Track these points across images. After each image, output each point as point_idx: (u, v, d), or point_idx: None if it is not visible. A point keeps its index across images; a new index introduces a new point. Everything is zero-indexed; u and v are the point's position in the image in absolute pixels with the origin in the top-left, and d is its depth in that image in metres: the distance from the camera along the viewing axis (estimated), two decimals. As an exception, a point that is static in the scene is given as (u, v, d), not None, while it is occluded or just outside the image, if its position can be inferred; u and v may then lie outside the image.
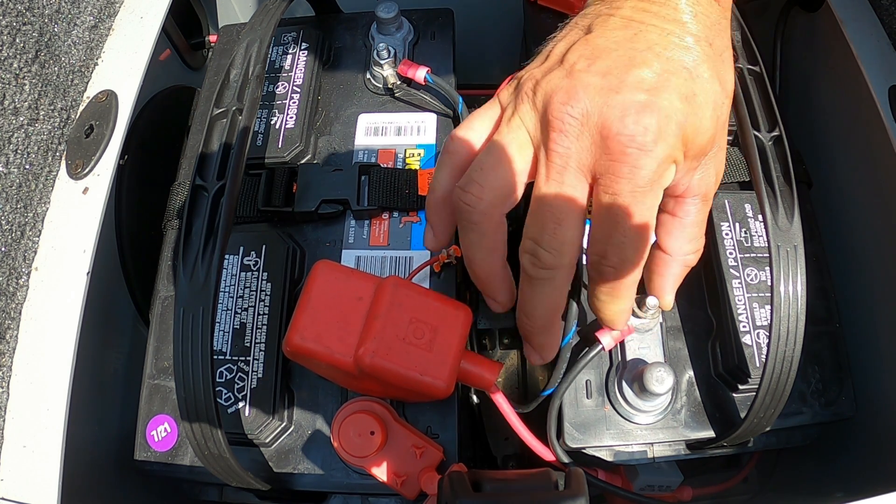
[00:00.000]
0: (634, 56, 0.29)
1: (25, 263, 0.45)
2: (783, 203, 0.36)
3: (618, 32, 0.30)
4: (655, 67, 0.29)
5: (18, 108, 0.45)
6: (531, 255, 0.32)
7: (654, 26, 0.30)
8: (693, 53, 0.30)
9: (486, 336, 0.77)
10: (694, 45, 0.30)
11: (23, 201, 0.45)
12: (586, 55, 0.30)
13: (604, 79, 0.29)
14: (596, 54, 0.30)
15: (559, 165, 0.30)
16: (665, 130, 0.29)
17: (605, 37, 0.30)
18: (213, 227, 0.36)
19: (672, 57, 0.29)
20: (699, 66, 0.30)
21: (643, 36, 0.30)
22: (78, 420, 0.42)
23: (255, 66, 0.42)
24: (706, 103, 0.30)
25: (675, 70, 0.29)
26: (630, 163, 0.29)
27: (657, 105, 0.29)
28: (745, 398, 0.44)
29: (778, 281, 0.35)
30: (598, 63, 0.30)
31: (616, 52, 0.30)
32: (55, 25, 0.48)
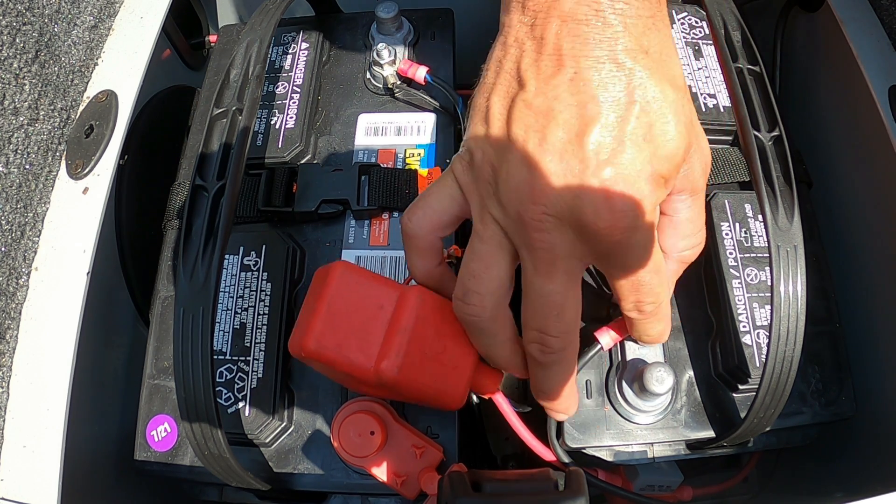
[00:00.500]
0: (583, 115, 0.27)
1: (25, 263, 0.45)
2: (783, 203, 0.36)
3: (555, 81, 0.27)
4: (608, 121, 0.27)
5: (18, 108, 0.45)
6: (539, 345, 0.32)
7: (587, 58, 0.27)
8: (635, 76, 0.27)
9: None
10: (633, 65, 0.27)
11: (23, 201, 0.45)
12: (534, 127, 0.28)
13: (562, 162, 0.27)
14: (543, 123, 0.27)
15: (547, 260, 0.29)
16: (643, 191, 0.27)
17: (544, 93, 0.27)
18: (213, 227, 0.36)
19: (618, 97, 0.27)
20: (645, 88, 0.27)
21: (582, 79, 0.27)
22: (78, 420, 0.42)
23: (255, 66, 0.42)
24: (666, 122, 0.28)
25: (627, 112, 0.27)
26: (623, 245, 0.28)
27: (624, 175, 0.27)
28: (745, 398, 0.44)
29: (778, 281, 0.35)
30: (550, 137, 0.27)
31: (562, 114, 0.27)
32: (55, 25, 0.48)
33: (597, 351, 0.44)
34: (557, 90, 0.27)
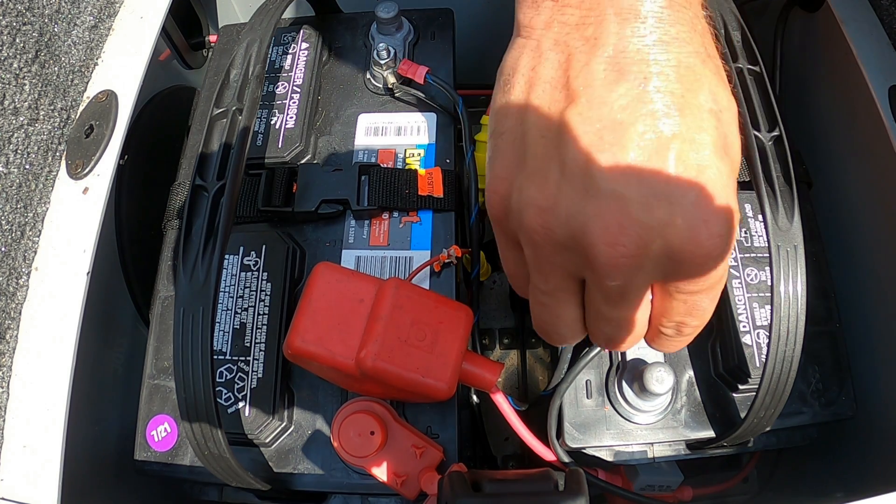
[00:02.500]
0: (658, 128, 0.22)
1: (25, 263, 0.45)
2: (783, 203, 0.36)
3: (619, 90, 0.23)
4: (688, 134, 0.22)
5: (18, 108, 0.45)
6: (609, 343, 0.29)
7: (656, 63, 0.23)
8: (708, 82, 0.24)
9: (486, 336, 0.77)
10: (703, 70, 0.24)
11: (23, 201, 0.45)
12: (600, 152, 0.22)
13: (642, 186, 0.22)
14: (605, 146, 0.22)
15: (621, 292, 0.25)
16: (733, 207, 0.23)
17: (607, 104, 0.23)
18: (213, 227, 0.36)
19: (698, 105, 0.23)
20: (718, 95, 0.24)
21: (653, 86, 0.22)
22: (78, 420, 0.42)
23: (255, 66, 0.42)
24: (735, 134, 0.24)
25: (706, 122, 0.23)
26: (709, 269, 0.24)
27: (716, 194, 0.23)
28: (745, 398, 0.44)
29: (778, 281, 0.35)
30: (622, 162, 0.22)
31: (635, 128, 0.22)
32: (55, 25, 0.48)
33: (598, 351, 0.44)
34: (624, 100, 0.23)
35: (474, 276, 0.48)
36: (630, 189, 0.22)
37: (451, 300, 0.38)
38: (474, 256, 0.48)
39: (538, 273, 0.26)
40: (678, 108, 0.23)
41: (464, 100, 0.51)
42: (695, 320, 0.28)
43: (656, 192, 0.22)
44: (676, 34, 0.23)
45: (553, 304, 0.27)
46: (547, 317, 0.28)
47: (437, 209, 0.49)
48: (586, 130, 0.23)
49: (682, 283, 0.25)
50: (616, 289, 0.25)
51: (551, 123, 0.24)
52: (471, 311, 0.38)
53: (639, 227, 0.22)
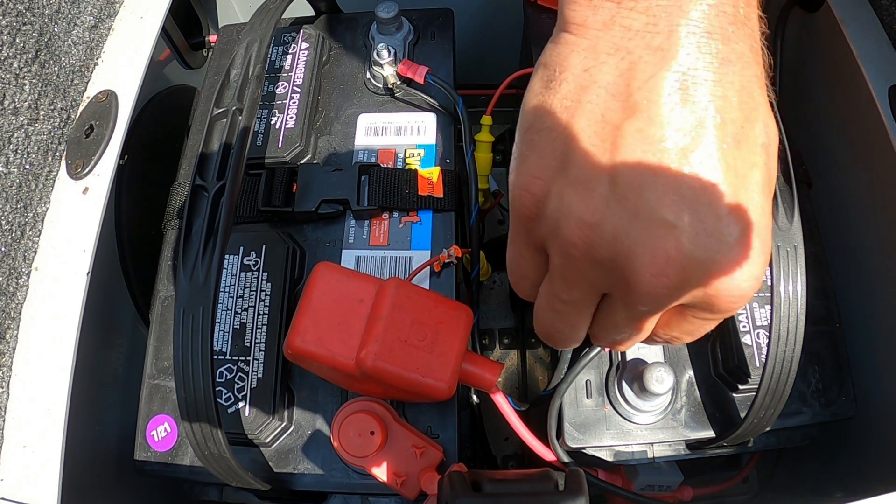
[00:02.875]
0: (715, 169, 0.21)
1: (25, 263, 0.45)
2: (783, 203, 0.36)
3: (682, 113, 0.21)
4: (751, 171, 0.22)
5: (18, 108, 0.45)
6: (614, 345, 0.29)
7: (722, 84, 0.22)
8: (763, 99, 0.23)
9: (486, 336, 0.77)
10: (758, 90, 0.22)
11: (23, 201, 0.45)
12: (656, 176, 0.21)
13: (695, 214, 0.21)
14: (661, 171, 0.21)
15: (650, 317, 0.25)
16: (767, 256, 0.23)
17: (669, 124, 0.21)
18: (213, 227, 0.36)
19: (751, 133, 0.22)
20: (768, 121, 0.23)
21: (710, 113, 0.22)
22: (78, 420, 0.42)
23: (255, 66, 0.42)
24: (775, 154, 0.24)
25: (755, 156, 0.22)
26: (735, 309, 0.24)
27: (762, 235, 0.22)
28: (745, 398, 0.44)
29: (778, 281, 0.35)
30: (677, 191, 0.21)
31: (689, 157, 0.21)
32: (55, 25, 0.48)
33: (598, 351, 0.44)
34: (688, 124, 0.21)
35: (474, 276, 0.48)
36: (683, 220, 0.21)
37: (451, 300, 0.38)
38: (474, 256, 0.48)
39: (563, 283, 0.25)
40: (735, 141, 0.22)
41: (464, 100, 0.51)
42: (694, 338, 0.27)
43: (707, 228, 0.22)
44: (741, 53, 0.22)
45: (571, 313, 0.27)
46: (560, 325, 0.28)
47: (437, 209, 0.49)
48: (645, 150, 0.22)
49: (702, 314, 0.25)
50: (642, 314, 0.24)
51: (604, 133, 0.22)
52: (471, 311, 0.38)
53: (685, 261, 0.22)
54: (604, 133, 0.22)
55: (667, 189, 0.21)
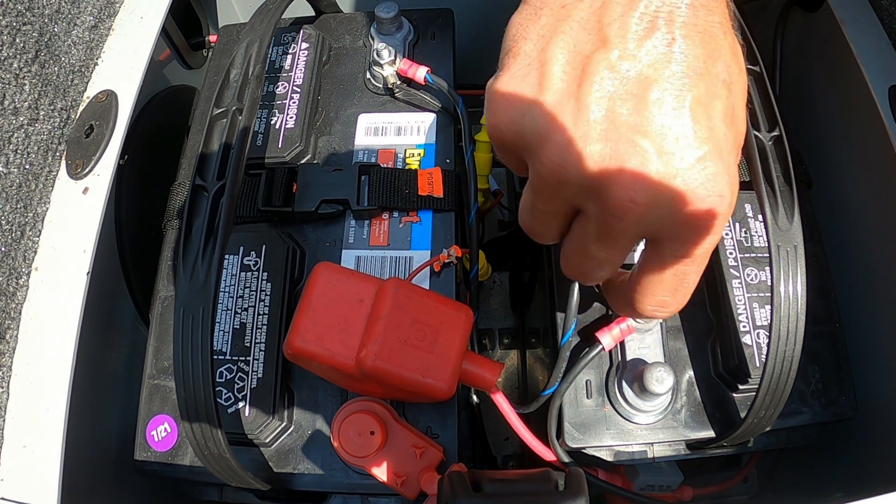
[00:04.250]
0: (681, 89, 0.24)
1: (25, 263, 0.45)
2: (783, 203, 0.36)
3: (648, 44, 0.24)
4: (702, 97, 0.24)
5: (18, 108, 0.45)
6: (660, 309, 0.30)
7: (687, 26, 0.24)
8: (726, 53, 0.25)
9: (486, 336, 0.77)
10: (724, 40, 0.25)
11: (23, 201, 0.45)
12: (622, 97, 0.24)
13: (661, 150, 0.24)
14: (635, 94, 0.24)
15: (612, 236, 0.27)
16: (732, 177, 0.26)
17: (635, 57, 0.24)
18: (213, 227, 0.36)
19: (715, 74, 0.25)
20: (731, 68, 0.25)
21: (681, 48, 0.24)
22: (78, 420, 0.42)
23: (255, 66, 0.42)
24: (742, 108, 0.26)
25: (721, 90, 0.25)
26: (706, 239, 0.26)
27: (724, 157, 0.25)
28: (745, 398, 0.44)
29: (778, 281, 0.35)
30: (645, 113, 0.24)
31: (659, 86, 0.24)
32: (55, 25, 0.48)
33: (598, 351, 0.44)
34: (652, 56, 0.24)
35: (473, 275, 0.48)
36: (648, 142, 0.23)
37: (451, 300, 0.38)
38: (473, 256, 0.48)
39: (538, 195, 0.27)
40: (697, 74, 0.24)
41: (464, 100, 0.51)
42: (678, 297, 0.29)
43: (671, 148, 0.24)
44: (706, 2, 0.24)
45: (545, 219, 0.28)
46: (535, 224, 0.29)
47: (437, 209, 0.49)
48: (612, 78, 0.24)
49: (676, 243, 0.26)
50: (613, 231, 0.26)
51: (575, 62, 0.24)
52: (471, 311, 0.38)
53: (654, 177, 0.24)
54: (575, 62, 0.25)
55: (630, 114, 0.24)
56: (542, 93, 0.25)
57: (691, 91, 0.24)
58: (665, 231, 0.26)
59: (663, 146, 0.24)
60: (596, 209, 0.26)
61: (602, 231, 0.26)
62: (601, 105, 0.24)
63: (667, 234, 0.26)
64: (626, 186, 0.24)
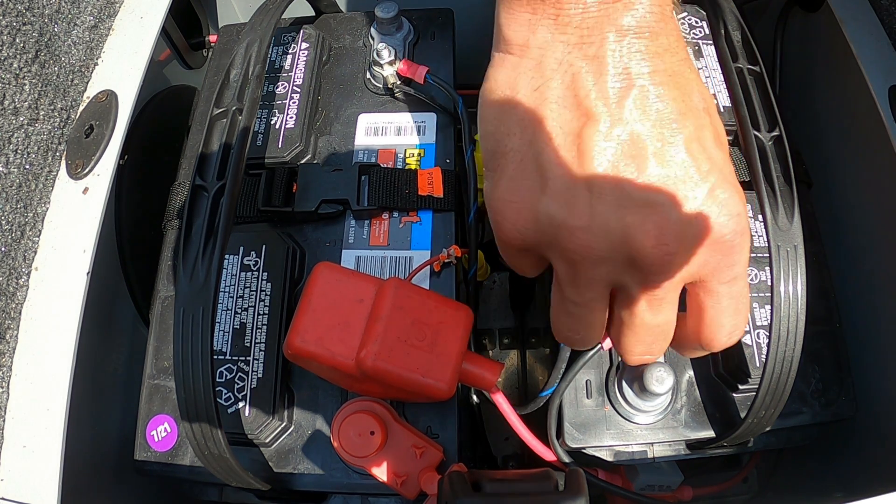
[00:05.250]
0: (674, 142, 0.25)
1: (25, 263, 0.45)
2: (783, 203, 0.36)
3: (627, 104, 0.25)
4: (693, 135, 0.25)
5: (18, 108, 0.45)
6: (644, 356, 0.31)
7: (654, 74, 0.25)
8: (693, 86, 0.26)
9: (485, 336, 0.77)
10: (690, 75, 0.26)
11: (23, 201, 0.45)
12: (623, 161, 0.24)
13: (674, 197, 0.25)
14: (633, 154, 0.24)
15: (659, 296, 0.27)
16: (741, 194, 0.27)
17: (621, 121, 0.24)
18: (213, 227, 0.36)
19: (691, 104, 0.25)
20: (701, 89, 0.26)
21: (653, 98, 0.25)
22: (78, 420, 0.42)
23: (255, 66, 0.42)
24: (716, 113, 0.27)
25: (702, 120, 0.26)
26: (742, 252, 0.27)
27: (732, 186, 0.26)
28: (745, 398, 0.44)
29: (778, 281, 0.35)
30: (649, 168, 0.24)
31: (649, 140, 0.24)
32: (55, 25, 0.48)
33: (596, 351, 0.44)
34: (636, 114, 0.24)
35: (471, 275, 0.48)
36: (660, 196, 0.24)
37: (451, 300, 0.38)
38: (472, 256, 0.48)
39: (573, 288, 0.27)
40: (681, 113, 0.25)
41: (464, 100, 0.51)
42: (743, 314, 0.29)
43: (682, 192, 0.24)
44: (667, 45, 0.25)
45: (585, 314, 0.28)
46: (575, 325, 0.29)
47: (437, 209, 0.49)
48: (608, 147, 0.24)
49: (721, 271, 0.26)
50: (660, 289, 0.26)
51: (567, 144, 0.25)
52: (470, 310, 0.38)
53: (676, 224, 0.24)
54: (566, 143, 0.25)
55: (639, 174, 0.24)
56: (547, 184, 0.25)
57: (682, 132, 0.25)
58: (708, 266, 0.26)
59: (675, 193, 0.24)
60: (636, 276, 0.26)
61: (650, 296, 0.27)
62: (608, 177, 0.24)
63: (710, 268, 0.26)
64: (659, 243, 0.24)
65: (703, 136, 0.25)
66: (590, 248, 0.25)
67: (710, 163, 0.25)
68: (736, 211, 0.25)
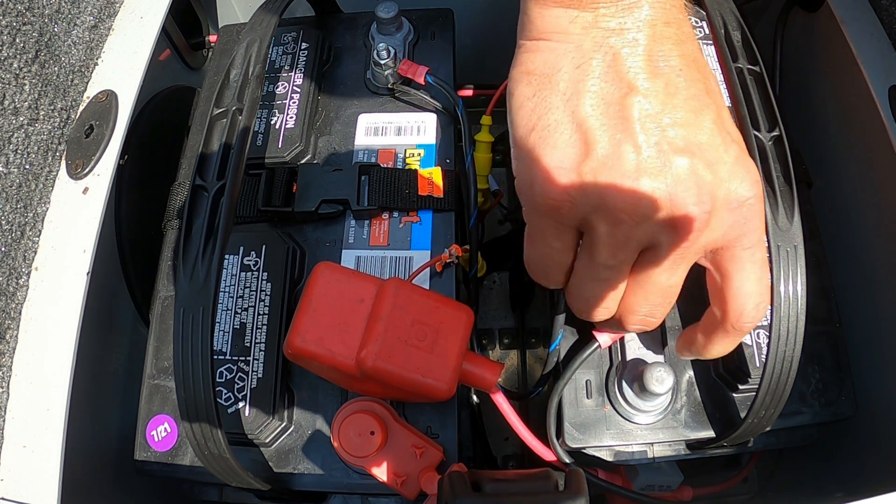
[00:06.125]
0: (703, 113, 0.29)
1: (25, 263, 0.45)
2: (783, 203, 0.36)
3: (657, 82, 0.28)
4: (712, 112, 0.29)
5: (18, 108, 0.45)
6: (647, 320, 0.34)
7: (680, 56, 0.29)
8: (705, 60, 0.30)
9: (485, 336, 0.77)
10: (700, 56, 0.30)
11: (23, 201, 0.45)
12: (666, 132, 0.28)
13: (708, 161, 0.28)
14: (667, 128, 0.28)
15: (683, 254, 0.30)
16: (755, 166, 0.31)
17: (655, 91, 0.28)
18: (213, 227, 0.36)
19: (711, 86, 0.30)
20: (713, 76, 0.30)
21: (682, 77, 0.29)
22: (78, 420, 0.42)
23: (255, 66, 0.42)
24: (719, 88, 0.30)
25: (720, 99, 0.30)
26: (761, 219, 0.32)
27: (747, 157, 0.30)
28: (745, 398, 0.44)
29: (778, 281, 0.35)
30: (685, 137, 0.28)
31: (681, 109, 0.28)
32: (55, 25, 0.48)
33: (594, 349, 0.44)
34: (670, 89, 0.28)
35: (472, 275, 0.48)
36: (697, 160, 0.27)
37: (451, 300, 0.38)
38: (472, 256, 0.48)
39: (609, 249, 0.29)
40: (706, 93, 0.29)
41: (464, 100, 0.51)
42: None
43: (712, 157, 0.28)
44: (689, 34, 0.29)
45: (613, 277, 0.31)
46: (601, 290, 0.32)
47: (438, 209, 0.49)
48: (649, 113, 0.27)
49: (744, 235, 0.30)
50: (687, 250, 0.29)
51: (611, 111, 0.27)
52: (471, 311, 0.38)
53: (711, 184, 0.27)
54: (610, 111, 0.27)
55: (678, 139, 0.27)
56: (595, 148, 0.28)
57: (709, 108, 0.28)
58: (733, 231, 0.29)
59: (708, 158, 0.27)
60: (670, 236, 0.28)
61: (675, 256, 0.29)
62: (650, 140, 0.27)
63: (735, 233, 0.29)
64: (699, 201, 0.27)
65: (723, 115, 0.29)
66: (637, 204, 0.27)
67: (732, 136, 0.29)
68: (756, 178, 0.29)
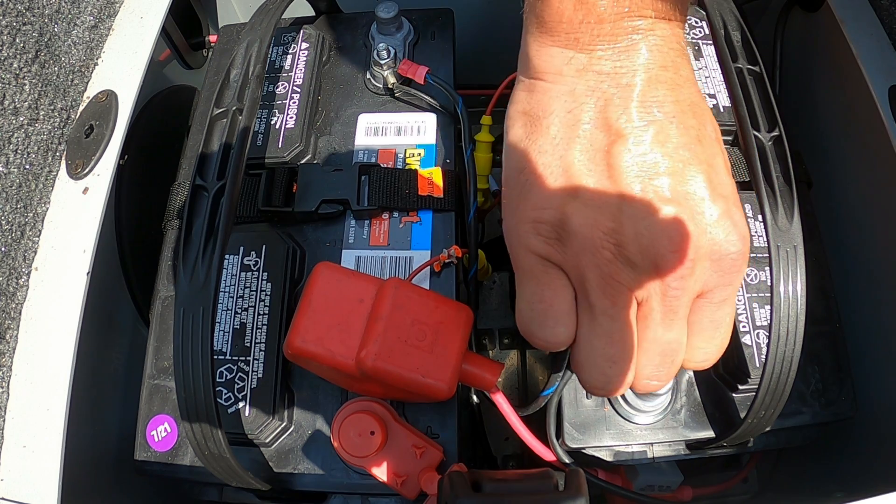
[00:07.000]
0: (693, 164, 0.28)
1: (25, 263, 0.45)
2: (783, 203, 0.36)
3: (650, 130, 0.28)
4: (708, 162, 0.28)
5: (18, 108, 0.45)
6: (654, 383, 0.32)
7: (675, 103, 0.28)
8: (704, 105, 0.30)
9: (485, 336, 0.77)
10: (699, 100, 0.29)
11: (23, 201, 0.45)
12: (648, 175, 0.27)
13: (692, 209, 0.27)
14: (654, 172, 0.27)
15: (676, 307, 0.29)
16: (743, 212, 0.30)
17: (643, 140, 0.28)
18: (213, 227, 0.36)
19: (704, 133, 0.29)
20: (713, 120, 0.30)
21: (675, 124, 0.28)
22: (78, 420, 0.42)
23: (255, 66, 0.42)
24: (722, 142, 0.30)
25: (713, 147, 0.29)
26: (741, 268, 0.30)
27: (737, 203, 0.30)
28: (745, 398, 0.44)
29: (778, 281, 0.35)
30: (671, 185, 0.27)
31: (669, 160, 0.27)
32: (55, 25, 0.48)
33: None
34: (660, 137, 0.27)
35: (472, 275, 0.48)
36: (681, 209, 0.27)
37: (451, 300, 0.38)
38: (472, 255, 0.48)
39: (602, 293, 0.29)
40: (699, 140, 0.28)
41: (464, 100, 0.51)
42: (716, 339, 0.31)
43: (698, 208, 0.27)
44: (687, 77, 0.28)
45: (619, 327, 0.29)
46: (610, 345, 0.30)
47: (438, 209, 0.49)
48: (636, 162, 0.27)
49: (715, 290, 0.29)
50: (676, 301, 0.28)
51: (598, 158, 0.28)
52: (471, 311, 0.38)
53: (694, 235, 0.27)
54: (597, 158, 0.27)
55: (663, 186, 0.27)
56: (579, 193, 0.28)
57: (699, 157, 0.28)
58: (708, 284, 0.28)
59: (694, 208, 0.27)
60: (658, 287, 0.28)
61: (666, 308, 0.28)
62: (634, 187, 0.27)
63: (708, 286, 0.29)
64: (679, 249, 0.27)
65: (716, 164, 0.28)
66: (620, 246, 0.27)
67: (723, 187, 0.28)
68: (744, 234, 0.28)
